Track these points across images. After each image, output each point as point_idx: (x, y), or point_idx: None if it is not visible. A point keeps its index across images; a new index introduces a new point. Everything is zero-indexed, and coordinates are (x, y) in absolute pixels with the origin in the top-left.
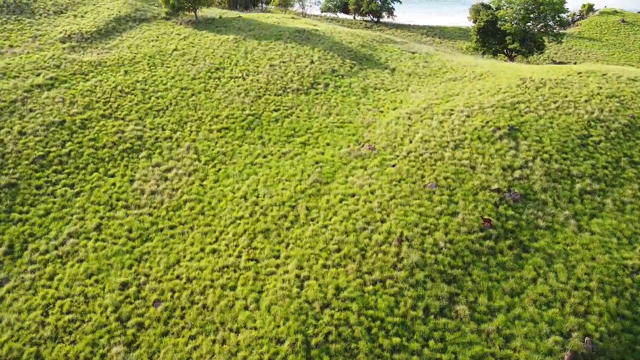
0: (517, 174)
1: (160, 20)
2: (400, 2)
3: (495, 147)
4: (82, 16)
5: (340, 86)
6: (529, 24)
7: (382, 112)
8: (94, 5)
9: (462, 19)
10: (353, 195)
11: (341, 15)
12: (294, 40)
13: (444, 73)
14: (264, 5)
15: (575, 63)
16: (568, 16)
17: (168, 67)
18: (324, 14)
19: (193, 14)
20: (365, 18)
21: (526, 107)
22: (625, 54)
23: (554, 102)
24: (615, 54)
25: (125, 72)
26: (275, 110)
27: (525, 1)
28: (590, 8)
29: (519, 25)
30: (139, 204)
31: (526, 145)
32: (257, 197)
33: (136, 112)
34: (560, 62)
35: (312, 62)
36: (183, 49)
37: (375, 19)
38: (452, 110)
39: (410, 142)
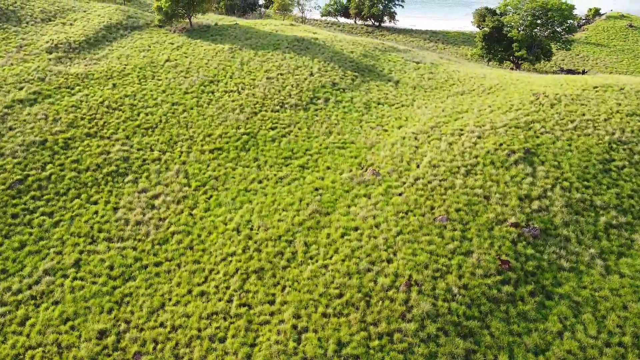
0: (535, 205)
1: (154, 28)
2: (402, 7)
3: (510, 173)
4: (71, 24)
5: (342, 101)
6: (536, 30)
7: (386, 130)
8: (85, 12)
9: (465, 24)
10: (356, 228)
11: (342, 20)
12: (292, 50)
13: (451, 86)
14: (262, 10)
15: (584, 71)
16: (575, 21)
17: (159, 80)
18: (324, 18)
19: (187, 21)
20: (367, 22)
21: (542, 127)
22: (634, 60)
23: (571, 122)
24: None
25: (114, 85)
26: (272, 129)
27: (532, 7)
28: (596, 12)
29: (525, 32)
30: (122, 235)
31: (544, 172)
32: (251, 229)
33: (123, 130)
34: (569, 70)
35: (311, 74)
36: (176, 59)
37: (377, 24)
38: (461, 130)
39: (418, 166)
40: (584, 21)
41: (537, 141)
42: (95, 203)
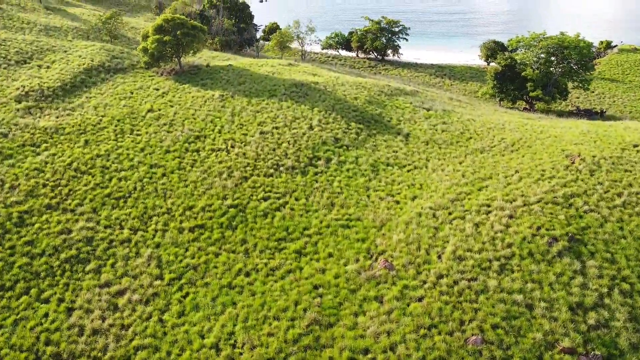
0: (591, 318)
1: (139, 70)
2: (407, 40)
3: (555, 269)
4: (47, 67)
5: (345, 162)
6: (551, 68)
7: (398, 202)
8: (65, 52)
9: (471, 57)
10: (366, 351)
11: (343, 53)
12: (290, 97)
13: (468, 140)
14: (261, 43)
15: (602, 111)
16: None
17: (138, 135)
18: (324, 51)
19: (177, 61)
20: (369, 55)
21: (584, 203)
22: None
23: (618, 195)
24: None
25: (86, 142)
26: (265, 199)
27: (548, 44)
28: (608, 45)
29: (540, 71)
30: (74, 350)
31: (595, 268)
32: (234, 346)
33: (90, 200)
34: (586, 110)
35: (311, 127)
36: (159, 109)
37: (380, 57)
38: (488, 206)
39: (439, 257)
40: (595, 54)
41: (582, 223)
42: (47, 301)
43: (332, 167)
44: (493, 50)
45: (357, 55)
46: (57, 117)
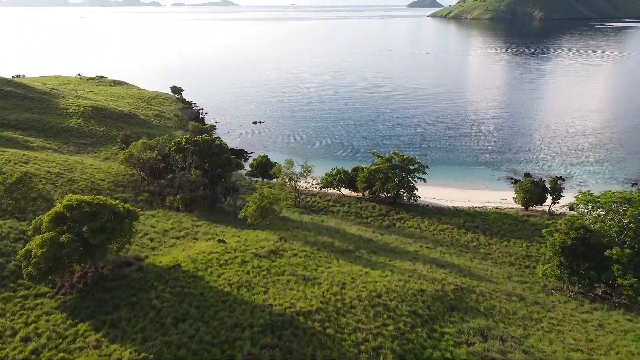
0: None
1: (21, 284)
2: (425, 180)
3: None
4: None
5: None
6: None
7: None
8: None
9: (500, 195)
10: None
11: (346, 192)
12: None
13: None
14: (239, 203)
15: None
16: None
17: None
18: (323, 190)
19: (88, 265)
20: (379, 197)
21: None
22: None
23: None
24: None
25: None
26: None
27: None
28: None
29: (631, 248)
30: None
31: None
32: None
33: None
34: None
35: None
36: None
37: (392, 199)
38: None
39: None
40: None
41: None
42: None
43: None
44: (532, 193)
45: (364, 195)
46: None
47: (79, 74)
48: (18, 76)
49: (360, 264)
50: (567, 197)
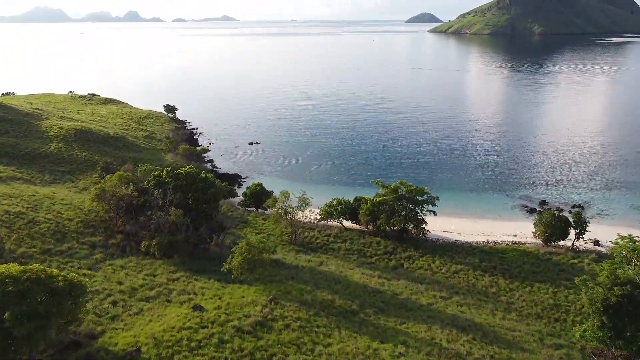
0: None
1: None
2: (435, 213)
3: None
4: None
5: None
6: None
7: None
8: None
9: (515, 225)
10: None
11: (347, 224)
12: None
13: None
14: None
15: None
16: None
17: None
18: (322, 222)
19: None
20: (383, 230)
21: None
22: None
23: None
24: None
25: None
26: None
27: None
28: None
29: None
30: None
31: None
32: None
33: None
34: None
35: None
36: None
37: (398, 234)
38: None
39: None
40: None
41: None
42: None
43: None
44: (554, 228)
45: (367, 229)
46: None
47: (71, 92)
48: (8, 94)
49: (367, 336)
50: (591, 229)
